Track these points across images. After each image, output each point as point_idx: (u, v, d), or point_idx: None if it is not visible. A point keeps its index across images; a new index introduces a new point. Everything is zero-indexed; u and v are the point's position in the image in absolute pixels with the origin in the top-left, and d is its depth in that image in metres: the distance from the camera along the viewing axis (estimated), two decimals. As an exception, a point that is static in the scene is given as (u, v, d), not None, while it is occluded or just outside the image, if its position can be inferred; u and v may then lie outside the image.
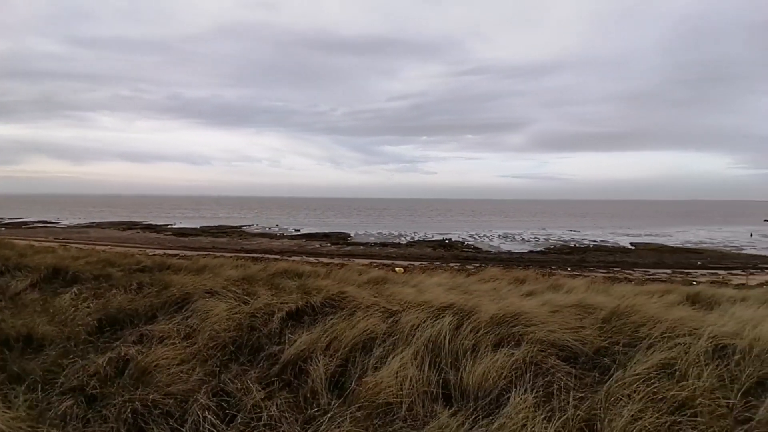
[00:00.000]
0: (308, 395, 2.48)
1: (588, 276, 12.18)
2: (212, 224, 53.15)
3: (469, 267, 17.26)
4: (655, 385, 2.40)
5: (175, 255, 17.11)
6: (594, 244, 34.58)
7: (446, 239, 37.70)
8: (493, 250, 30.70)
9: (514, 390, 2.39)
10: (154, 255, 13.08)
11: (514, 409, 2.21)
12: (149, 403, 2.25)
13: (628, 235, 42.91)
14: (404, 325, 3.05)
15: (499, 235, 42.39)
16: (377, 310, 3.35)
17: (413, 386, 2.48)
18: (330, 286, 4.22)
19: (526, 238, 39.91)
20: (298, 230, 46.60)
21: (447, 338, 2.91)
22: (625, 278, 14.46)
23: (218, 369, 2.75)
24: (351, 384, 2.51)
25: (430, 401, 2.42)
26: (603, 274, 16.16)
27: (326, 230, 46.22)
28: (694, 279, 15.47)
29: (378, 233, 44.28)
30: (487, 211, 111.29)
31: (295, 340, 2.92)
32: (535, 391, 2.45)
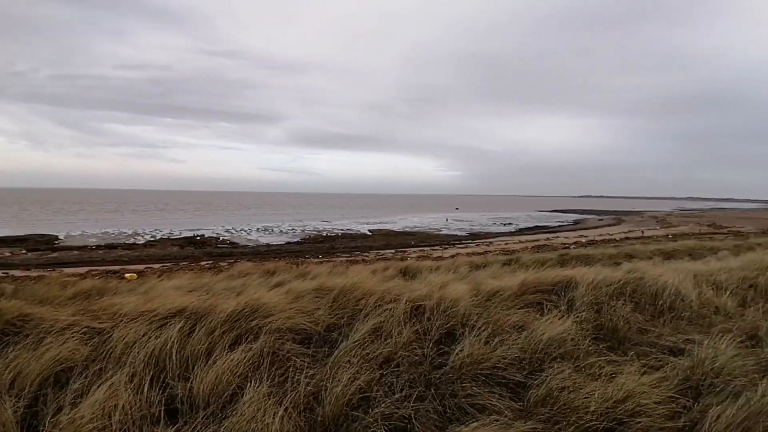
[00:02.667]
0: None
1: (334, 261, 13.70)
2: None
3: (222, 264, 16.25)
4: (368, 347, 2.89)
5: None
6: (342, 232, 39.34)
7: (197, 235, 34.35)
8: (251, 244, 30.17)
9: (249, 384, 2.37)
10: None
11: (247, 403, 2.19)
12: None
13: (367, 223, 50.87)
14: (116, 344, 2.53)
15: (258, 229, 42.04)
16: (78, 331, 2.65)
17: (128, 413, 2.09)
18: (5, 309, 3.04)
19: (284, 230, 41.18)
20: (-35, 234, 31.98)
21: (175, 348, 2.59)
22: (362, 260, 17.06)
23: None
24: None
25: (150, 425, 2.10)
26: (346, 258, 18.53)
27: (20, 232, 33.61)
28: (409, 255, 19.90)
29: (103, 233, 35.64)
30: (246, 204, 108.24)
31: None
32: (270, 379, 2.50)
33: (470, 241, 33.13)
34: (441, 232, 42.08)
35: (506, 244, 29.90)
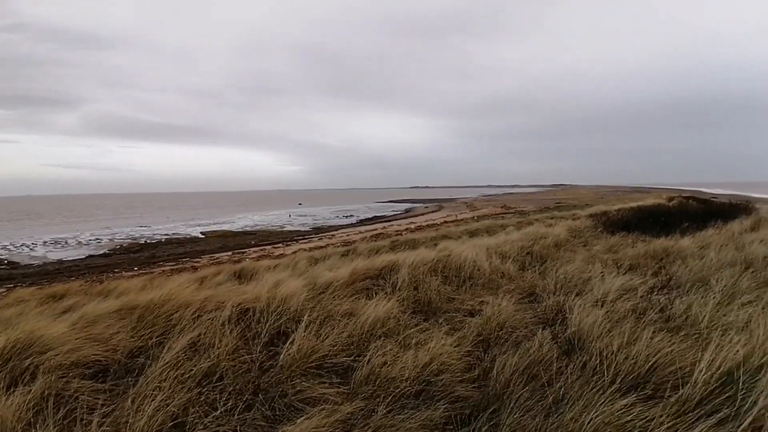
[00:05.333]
0: None
1: (154, 272, 11.85)
2: None
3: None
4: (184, 365, 2.57)
5: None
6: (166, 238, 34.16)
7: (-52, 259, 24.94)
8: (36, 263, 23.45)
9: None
10: None
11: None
12: None
13: (199, 225, 45.58)
14: None
15: (46, 242, 32.94)
16: None
17: None
18: None
19: (84, 241, 33.28)
20: None
21: None
22: (192, 267, 15.24)
23: None
24: None
25: None
26: (171, 267, 16.23)
27: None
28: (248, 256, 18.73)
29: None
30: (37, 211, 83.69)
31: None
32: (54, 425, 1.99)
33: (313, 236, 33.34)
34: (284, 229, 41.07)
35: (347, 235, 31.12)
